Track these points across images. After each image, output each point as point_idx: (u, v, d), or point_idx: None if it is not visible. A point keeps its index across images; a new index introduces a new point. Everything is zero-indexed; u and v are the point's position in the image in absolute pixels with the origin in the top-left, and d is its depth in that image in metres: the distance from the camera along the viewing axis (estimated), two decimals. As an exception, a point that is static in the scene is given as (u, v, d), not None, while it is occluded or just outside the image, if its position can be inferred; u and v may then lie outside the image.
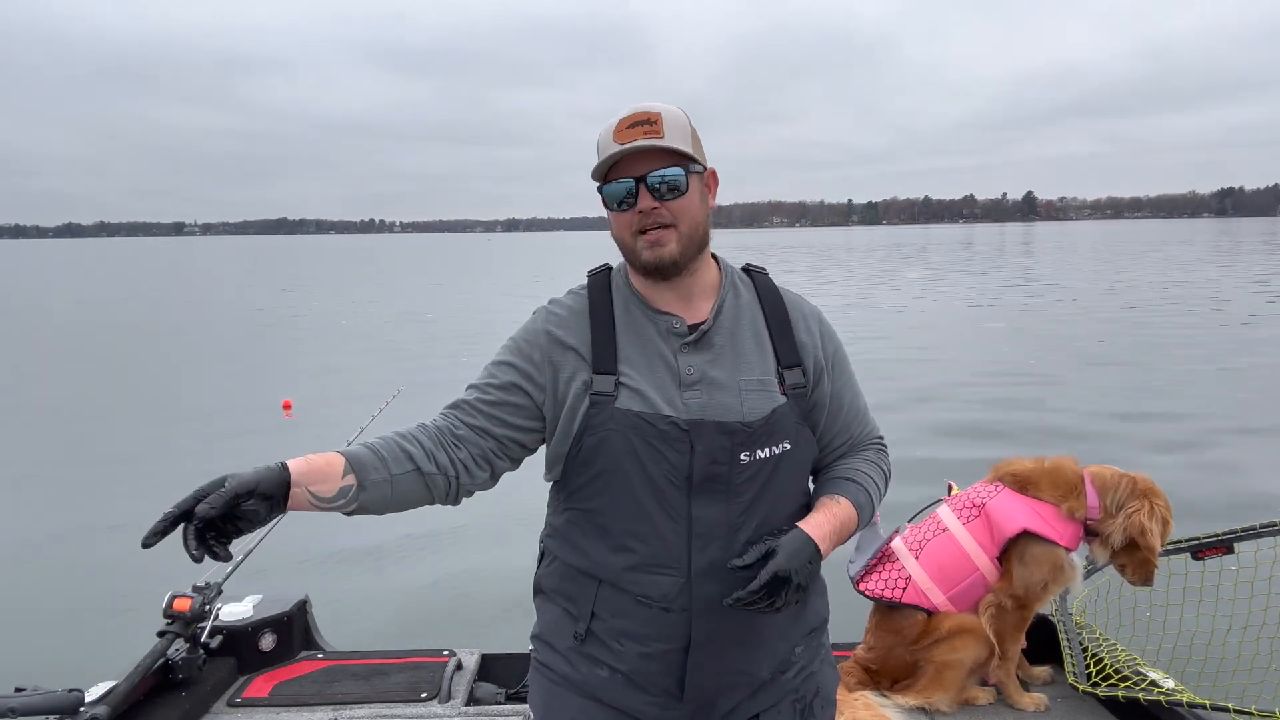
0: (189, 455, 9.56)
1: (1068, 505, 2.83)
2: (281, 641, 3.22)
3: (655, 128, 1.61)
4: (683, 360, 1.67)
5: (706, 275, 1.75)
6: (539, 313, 1.79)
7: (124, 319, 26.20)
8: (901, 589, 2.91)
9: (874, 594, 2.95)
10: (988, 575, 2.88)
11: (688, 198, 1.65)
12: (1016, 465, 2.96)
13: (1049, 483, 2.87)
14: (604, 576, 1.70)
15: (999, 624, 2.88)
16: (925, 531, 2.99)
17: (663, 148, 1.61)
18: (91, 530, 7.24)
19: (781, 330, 1.74)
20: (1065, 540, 2.83)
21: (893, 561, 2.97)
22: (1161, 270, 38.05)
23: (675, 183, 1.63)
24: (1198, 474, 7.89)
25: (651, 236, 1.63)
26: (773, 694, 1.76)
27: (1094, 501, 2.83)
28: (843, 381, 1.81)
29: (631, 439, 1.63)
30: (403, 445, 1.62)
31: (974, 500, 2.95)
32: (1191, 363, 14.05)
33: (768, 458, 1.66)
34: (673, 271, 1.67)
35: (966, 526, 2.91)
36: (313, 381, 14.07)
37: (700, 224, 1.68)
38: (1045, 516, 2.83)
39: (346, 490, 1.54)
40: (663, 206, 1.63)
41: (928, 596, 2.89)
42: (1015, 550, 2.84)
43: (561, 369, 1.70)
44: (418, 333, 21.26)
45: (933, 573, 2.90)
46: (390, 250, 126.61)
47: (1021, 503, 2.86)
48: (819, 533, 1.63)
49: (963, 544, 2.89)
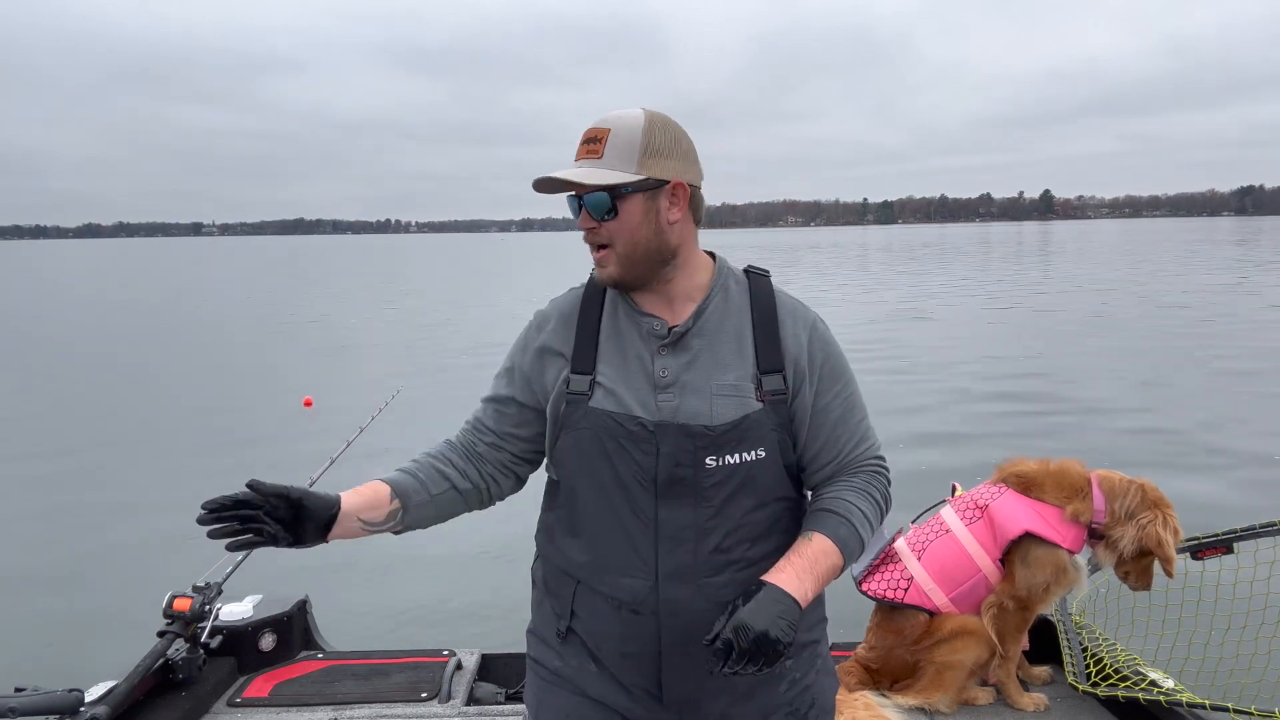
0: (190, 455, 9.65)
1: (1072, 508, 2.81)
2: (281, 641, 3.24)
3: (598, 146, 1.61)
4: (659, 362, 1.66)
5: (690, 279, 1.72)
6: (534, 317, 1.82)
7: (140, 317, 26.44)
8: (904, 590, 2.90)
9: (876, 594, 2.94)
10: (990, 577, 2.87)
11: (621, 219, 1.62)
12: (1021, 466, 2.94)
13: (1054, 485, 2.85)
14: (580, 576, 1.71)
15: (1000, 625, 2.87)
16: (928, 533, 2.98)
17: (573, 180, 1.60)
18: (92, 530, 7.31)
19: (767, 335, 1.70)
20: (1068, 543, 2.81)
21: (895, 562, 2.96)
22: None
23: (601, 204, 1.62)
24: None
25: (596, 255, 1.66)
26: (763, 708, 1.74)
27: (1100, 505, 2.81)
28: (832, 394, 1.73)
29: (602, 438, 1.64)
30: (438, 467, 1.74)
31: (977, 501, 2.93)
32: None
33: (738, 464, 1.63)
34: (623, 288, 1.69)
35: (969, 528, 2.89)
36: (326, 380, 14.15)
37: (641, 243, 1.64)
38: (1048, 519, 2.81)
39: (394, 514, 1.68)
40: (600, 227, 1.63)
41: (930, 598, 2.88)
42: (1018, 552, 2.83)
43: (547, 371, 1.73)
44: (422, 333, 21.37)
45: (935, 574, 2.89)
46: (406, 250, 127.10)
47: (1025, 504, 2.84)
48: (783, 576, 1.55)
49: (965, 545, 2.88)
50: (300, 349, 18.92)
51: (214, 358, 17.59)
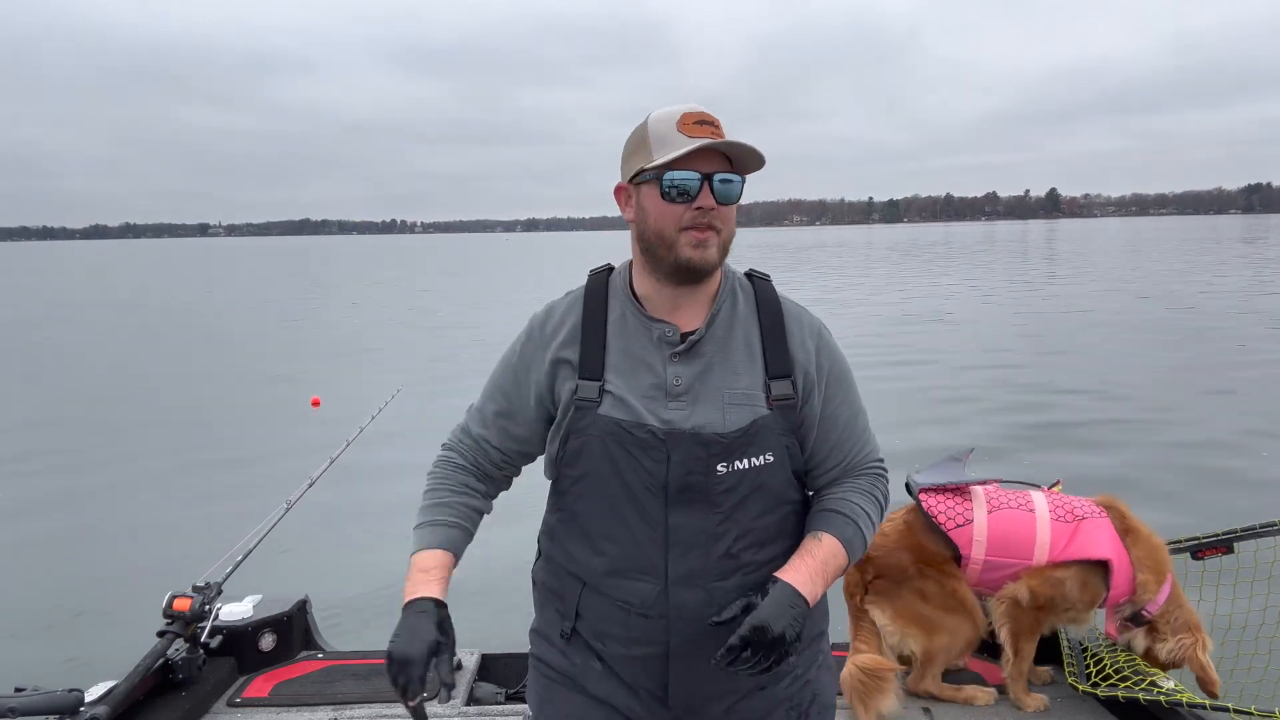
0: (191, 455, 9.67)
1: (1144, 579, 2.86)
2: (281, 641, 3.24)
3: (720, 131, 1.60)
4: (671, 370, 1.66)
5: (708, 284, 1.73)
6: (530, 323, 1.81)
7: (146, 317, 26.49)
8: (956, 525, 2.89)
9: (929, 509, 2.92)
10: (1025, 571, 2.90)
11: (735, 208, 1.65)
12: (1126, 510, 2.98)
13: (1145, 549, 2.89)
14: (586, 579, 1.71)
15: (1014, 622, 2.88)
16: (1010, 499, 2.97)
17: (729, 153, 1.61)
18: (92, 530, 7.33)
19: (774, 340, 1.71)
20: (1115, 593, 2.87)
21: (965, 498, 2.95)
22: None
23: (736, 191, 1.63)
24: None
25: (701, 235, 1.61)
26: (766, 702, 1.76)
27: (1160, 600, 2.87)
28: (839, 400, 1.75)
29: (610, 445, 1.64)
30: (473, 505, 1.81)
31: (1075, 509, 2.93)
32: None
33: (748, 469, 1.64)
34: (704, 275, 1.66)
35: (1052, 524, 2.89)
36: (335, 380, 14.18)
37: (733, 234, 1.68)
38: (1122, 566, 2.86)
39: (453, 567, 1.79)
40: (719, 209, 1.61)
41: (970, 547, 2.88)
42: (1077, 569, 2.86)
43: (554, 377, 1.72)
44: (427, 332, 21.40)
45: (993, 533, 2.88)
46: (411, 250, 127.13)
47: (1116, 540, 2.88)
48: (799, 577, 1.59)
49: (1038, 532, 2.88)
50: (306, 349, 18.97)
51: (220, 358, 17.63)
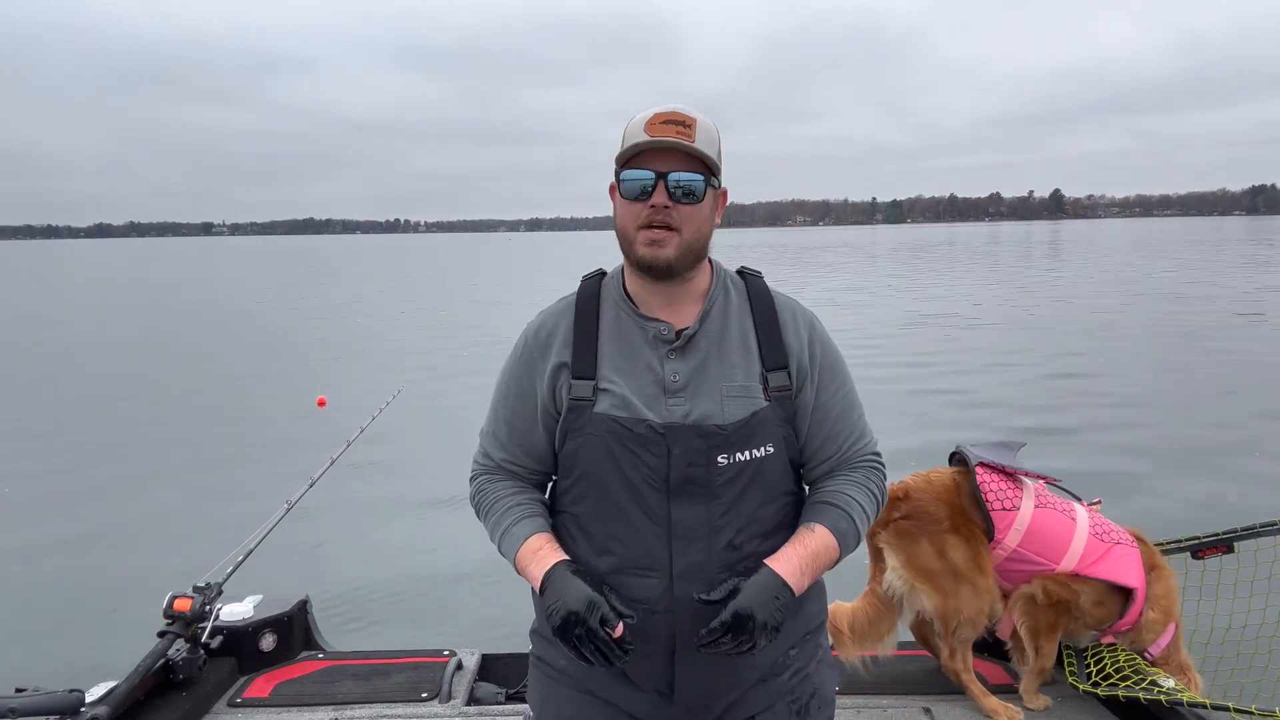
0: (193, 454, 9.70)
1: (1152, 618, 2.89)
2: (282, 641, 3.23)
3: (688, 130, 1.62)
4: (668, 366, 1.69)
5: (699, 281, 1.76)
6: (524, 334, 1.83)
7: (150, 316, 26.52)
8: (1002, 507, 2.90)
9: (981, 484, 2.92)
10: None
11: (700, 207, 1.66)
12: (1152, 547, 3.01)
13: (1163, 590, 2.93)
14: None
15: (1032, 619, 2.89)
16: (1056, 502, 2.98)
17: (690, 152, 1.62)
18: (93, 531, 7.33)
19: (769, 333, 1.74)
20: (1124, 621, 2.90)
21: (1017, 486, 2.95)
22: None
23: (694, 188, 1.64)
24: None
25: (655, 235, 1.64)
26: (767, 695, 1.77)
27: (1162, 644, 2.91)
28: (832, 390, 1.77)
29: (609, 443, 1.66)
30: (533, 496, 1.82)
31: (1110, 532, 2.94)
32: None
33: (748, 460, 1.66)
34: (665, 275, 1.68)
35: (1089, 538, 2.90)
36: (339, 380, 14.19)
37: (704, 236, 1.69)
38: (1140, 598, 2.89)
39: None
40: (674, 208, 1.63)
41: (1008, 534, 2.89)
42: (1101, 585, 2.87)
43: (554, 382, 1.74)
44: (428, 332, 21.45)
45: (1032, 528, 2.89)
46: (415, 250, 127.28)
47: (1142, 572, 2.91)
48: (788, 567, 1.62)
49: (1074, 541, 2.89)
50: (310, 349, 18.96)
51: (225, 357, 17.67)
